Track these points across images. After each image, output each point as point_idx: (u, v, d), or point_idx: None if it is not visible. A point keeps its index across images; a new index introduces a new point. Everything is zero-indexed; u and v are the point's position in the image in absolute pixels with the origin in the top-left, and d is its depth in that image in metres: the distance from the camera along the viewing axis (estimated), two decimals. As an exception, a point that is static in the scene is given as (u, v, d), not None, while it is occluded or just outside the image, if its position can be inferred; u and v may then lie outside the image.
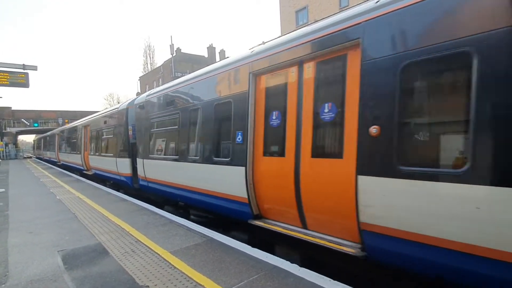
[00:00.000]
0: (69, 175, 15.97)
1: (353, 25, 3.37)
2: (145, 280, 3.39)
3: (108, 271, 3.68)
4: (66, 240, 4.96)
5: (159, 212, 6.64)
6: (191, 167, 6.19)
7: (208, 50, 52.91)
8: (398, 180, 2.86)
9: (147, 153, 8.23)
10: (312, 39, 3.87)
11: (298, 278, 3.28)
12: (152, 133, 8.06)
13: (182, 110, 6.67)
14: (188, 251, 4.24)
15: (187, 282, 3.32)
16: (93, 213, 6.77)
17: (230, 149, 5.09)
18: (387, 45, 3.03)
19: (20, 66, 13.70)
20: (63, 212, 7.00)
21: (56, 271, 3.78)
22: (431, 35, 2.71)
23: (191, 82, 6.49)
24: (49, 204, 8.07)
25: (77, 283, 3.41)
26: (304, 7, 29.24)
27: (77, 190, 10.47)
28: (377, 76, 3.08)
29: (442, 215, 2.60)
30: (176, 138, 6.87)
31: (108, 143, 11.56)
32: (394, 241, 2.91)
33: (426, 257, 2.73)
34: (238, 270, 3.56)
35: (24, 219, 6.50)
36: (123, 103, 10.92)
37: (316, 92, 3.87)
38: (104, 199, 8.57)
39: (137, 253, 4.23)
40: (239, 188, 4.81)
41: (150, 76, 54.54)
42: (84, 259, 4.11)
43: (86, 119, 15.25)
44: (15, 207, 7.96)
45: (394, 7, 3.01)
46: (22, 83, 13.79)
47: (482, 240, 2.38)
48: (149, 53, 60.91)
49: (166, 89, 7.62)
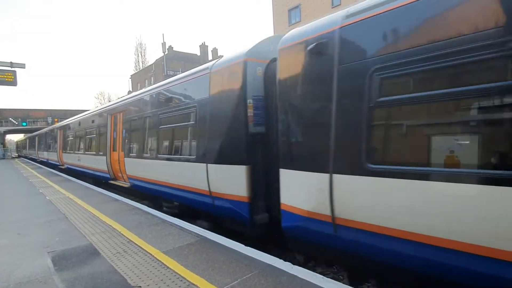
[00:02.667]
0: (58, 175, 15.70)
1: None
2: (137, 281, 3.36)
3: (99, 272, 3.64)
4: (56, 241, 4.87)
5: (152, 212, 6.58)
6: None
7: (200, 48, 52.66)
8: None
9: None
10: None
11: (291, 276, 3.29)
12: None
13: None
14: (181, 250, 4.22)
15: (180, 282, 3.30)
16: (84, 213, 6.67)
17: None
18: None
19: (8, 64, 13.40)
20: (53, 213, 6.88)
21: (46, 272, 3.71)
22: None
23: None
24: (38, 205, 7.91)
25: (67, 285, 3.35)
26: (296, 6, 29.33)
27: (67, 190, 10.30)
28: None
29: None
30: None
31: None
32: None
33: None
34: (231, 269, 3.55)
35: (13, 220, 6.37)
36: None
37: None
38: (95, 199, 8.44)
39: (129, 253, 4.18)
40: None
41: (142, 75, 54.01)
42: (74, 260, 4.05)
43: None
44: (3, 207, 7.79)
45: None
46: (9, 82, 13.49)
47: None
48: (141, 51, 60.41)
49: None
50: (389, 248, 2.93)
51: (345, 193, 3.23)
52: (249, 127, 4.63)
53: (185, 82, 6.24)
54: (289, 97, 3.93)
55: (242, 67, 4.65)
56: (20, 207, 7.70)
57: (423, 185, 2.69)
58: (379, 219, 2.95)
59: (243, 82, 4.63)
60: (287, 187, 3.96)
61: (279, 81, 4.06)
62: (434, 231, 2.62)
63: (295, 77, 3.84)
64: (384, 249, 2.97)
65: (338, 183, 3.26)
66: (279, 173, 4.03)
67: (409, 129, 2.94)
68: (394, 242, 2.87)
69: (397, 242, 2.85)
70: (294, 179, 3.84)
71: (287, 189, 3.97)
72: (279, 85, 4.07)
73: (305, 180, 3.65)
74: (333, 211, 3.33)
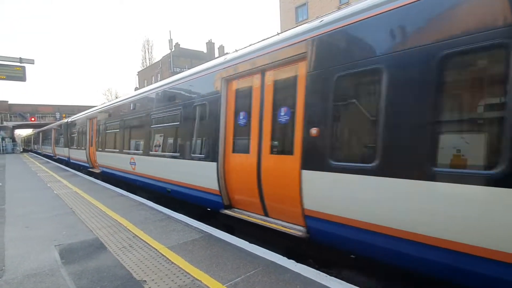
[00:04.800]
0: (66, 170, 15.91)
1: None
2: (142, 275, 3.40)
3: (105, 266, 3.69)
4: (63, 235, 4.95)
5: (157, 208, 6.64)
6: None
7: (207, 46, 52.64)
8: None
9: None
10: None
11: (294, 273, 3.30)
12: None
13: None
14: (186, 246, 4.25)
15: (184, 277, 3.33)
16: (91, 208, 6.76)
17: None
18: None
19: (17, 59, 13.52)
20: (60, 207, 6.99)
21: (53, 265, 3.78)
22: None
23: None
24: (46, 199, 8.05)
25: (74, 278, 3.41)
26: (304, 3, 29.10)
27: (74, 184, 10.44)
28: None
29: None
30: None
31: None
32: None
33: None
34: (235, 265, 3.57)
35: (21, 214, 6.48)
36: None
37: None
38: (102, 194, 8.55)
39: (135, 248, 4.23)
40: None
41: (149, 71, 54.25)
42: (81, 254, 4.11)
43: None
44: (12, 201, 7.93)
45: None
46: (18, 77, 13.62)
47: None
48: (148, 47, 60.65)
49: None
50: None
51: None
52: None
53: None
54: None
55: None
56: (28, 201, 7.83)
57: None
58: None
59: None
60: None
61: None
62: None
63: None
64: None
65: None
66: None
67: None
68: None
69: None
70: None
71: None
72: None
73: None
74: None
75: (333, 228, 3.41)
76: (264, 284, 3.10)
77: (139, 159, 8.51)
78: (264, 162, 4.49)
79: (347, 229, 3.26)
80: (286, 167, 4.12)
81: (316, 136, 3.56)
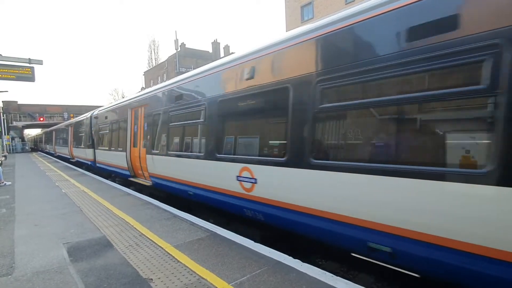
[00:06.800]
0: (74, 169, 16.12)
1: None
2: (148, 273, 3.42)
3: (112, 264, 3.73)
4: (71, 233, 5.02)
5: (163, 207, 6.68)
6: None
7: (212, 46, 52.81)
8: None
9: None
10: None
11: (300, 273, 3.29)
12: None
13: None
14: (192, 245, 4.27)
15: (190, 275, 3.34)
16: (98, 207, 6.84)
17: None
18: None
19: (26, 60, 13.73)
20: (68, 205, 7.08)
21: (61, 263, 3.83)
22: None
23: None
24: (54, 197, 8.16)
25: (82, 275, 3.45)
26: (309, 2, 28.99)
27: (82, 184, 10.57)
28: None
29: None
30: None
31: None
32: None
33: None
34: (241, 264, 3.57)
35: (30, 212, 6.59)
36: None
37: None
38: (109, 193, 8.64)
39: (141, 247, 4.27)
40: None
41: (155, 71, 54.66)
42: (89, 252, 4.16)
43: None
44: (22, 199, 8.06)
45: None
46: (28, 77, 13.83)
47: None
48: (154, 48, 61.11)
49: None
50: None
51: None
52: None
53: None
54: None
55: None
56: (37, 199, 7.95)
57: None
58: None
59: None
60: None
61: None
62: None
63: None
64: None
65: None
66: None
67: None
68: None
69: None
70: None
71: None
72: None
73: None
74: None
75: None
76: (270, 283, 3.10)
77: (271, 173, 4.30)
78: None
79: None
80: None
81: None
